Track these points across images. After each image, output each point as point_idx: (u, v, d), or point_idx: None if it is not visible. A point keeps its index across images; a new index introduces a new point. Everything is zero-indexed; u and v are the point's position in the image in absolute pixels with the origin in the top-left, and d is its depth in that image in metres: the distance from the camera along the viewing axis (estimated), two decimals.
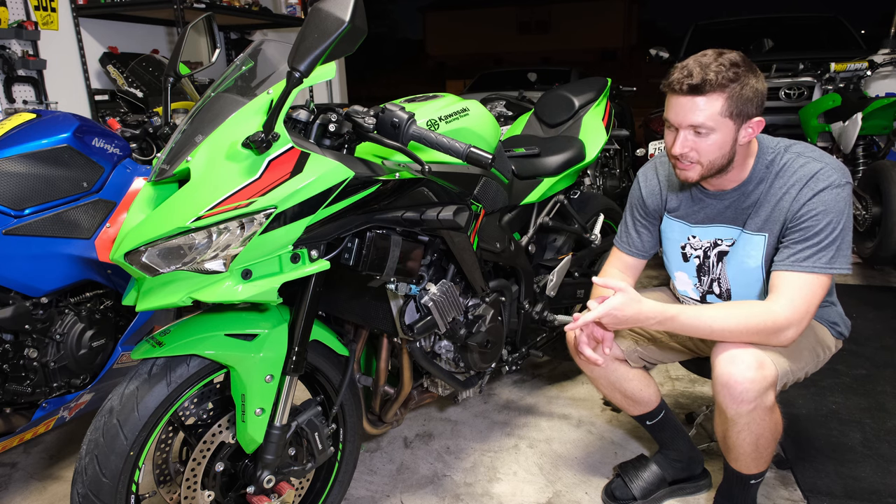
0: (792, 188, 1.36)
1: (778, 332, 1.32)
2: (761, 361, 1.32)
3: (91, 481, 1.20)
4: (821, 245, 1.32)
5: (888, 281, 3.52)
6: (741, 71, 1.29)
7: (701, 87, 1.29)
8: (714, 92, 1.29)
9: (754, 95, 1.31)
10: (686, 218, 1.56)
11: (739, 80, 1.29)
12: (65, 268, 1.66)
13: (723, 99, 1.29)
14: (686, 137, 1.35)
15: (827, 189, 1.33)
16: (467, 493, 1.82)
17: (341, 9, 1.05)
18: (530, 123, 2.49)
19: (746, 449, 1.41)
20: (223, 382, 1.40)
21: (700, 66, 1.30)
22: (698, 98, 1.31)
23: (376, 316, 1.56)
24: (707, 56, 1.32)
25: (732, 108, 1.30)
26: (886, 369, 2.44)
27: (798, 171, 1.37)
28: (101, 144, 1.74)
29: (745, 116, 1.32)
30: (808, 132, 4.09)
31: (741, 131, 1.34)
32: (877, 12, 12.42)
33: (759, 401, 1.32)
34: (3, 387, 1.65)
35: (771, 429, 1.38)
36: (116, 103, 3.97)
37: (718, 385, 1.34)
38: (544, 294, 2.16)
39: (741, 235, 1.46)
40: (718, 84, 1.28)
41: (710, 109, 1.30)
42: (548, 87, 3.73)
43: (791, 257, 1.35)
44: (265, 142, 1.12)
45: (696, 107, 1.31)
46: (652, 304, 1.36)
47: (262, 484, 1.35)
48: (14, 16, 3.50)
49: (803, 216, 1.34)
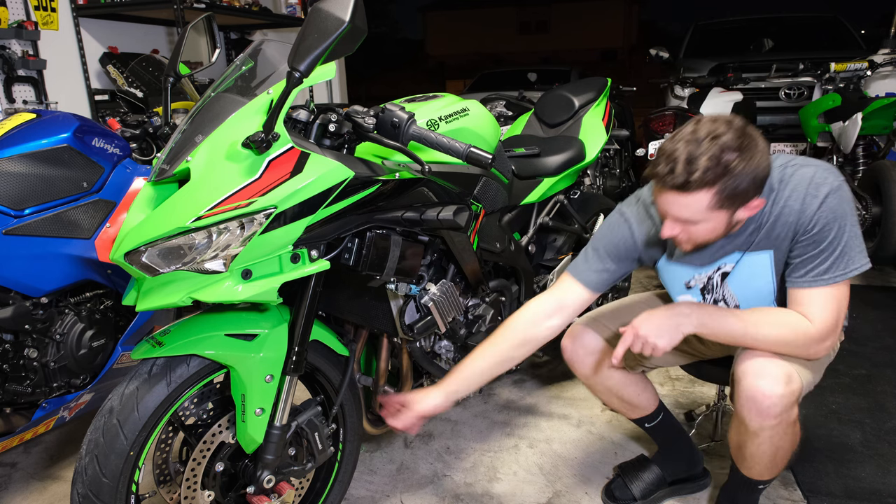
0: (791, 199, 1.28)
1: (813, 346, 1.28)
2: (790, 375, 1.27)
3: (91, 481, 1.19)
4: (836, 253, 1.25)
5: (888, 281, 3.52)
6: (735, 160, 1.13)
7: (686, 185, 1.16)
8: (701, 189, 1.15)
9: (751, 183, 1.16)
10: (691, 262, 1.45)
11: (731, 173, 1.13)
12: (65, 268, 1.66)
13: (711, 194, 1.16)
14: (673, 225, 1.26)
15: (829, 195, 1.24)
16: (467, 493, 1.82)
17: (341, 9, 1.05)
18: (530, 123, 2.49)
19: (763, 460, 1.38)
20: (223, 382, 1.40)
21: (686, 159, 1.15)
22: (683, 195, 1.18)
23: (376, 316, 1.56)
24: (697, 141, 1.15)
25: (723, 201, 1.17)
26: (886, 369, 2.44)
27: (791, 181, 1.28)
28: (101, 144, 1.74)
29: (739, 203, 1.20)
30: (808, 132, 4.09)
31: (737, 214, 1.23)
32: (877, 12, 12.42)
33: (785, 415, 1.28)
34: (3, 387, 1.65)
35: (791, 440, 1.35)
36: (116, 103, 3.97)
37: (743, 398, 1.29)
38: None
39: (743, 257, 1.38)
40: (705, 182, 1.14)
41: (697, 206, 1.18)
42: (548, 87, 3.73)
43: (811, 273, 1.27)
44: (265, 142, 1.12)
45: (682, 203, 1.19)
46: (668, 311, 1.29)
47: (262, 484, 1.35)
48: (14, 16, 3.50)
49: (813, 229, 1.25)
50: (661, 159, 1.19)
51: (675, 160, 1.16)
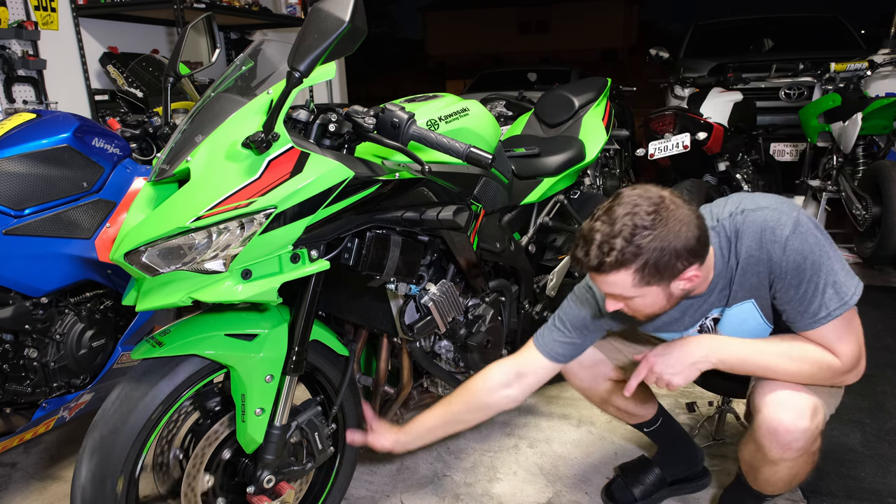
0: (752, 249, 1.23)
1: (842, 376, 1.23)
2: (815, 408, 1.22)
3: (91, 482, 1.19)
4: (821, 288, 1.18)
5: (888, 281, 3.52)
6: (647, 239, 1.10)
7: (600, 268, 1.14)
8: (618, 270, 1.13)
9: (673, 256, 1.12)
10: (672, 327, 1.41)
11: (645, 252, 1.11)
12: (65, 268, 1.66)
13: (630, 273, 1.13)
14: (612, 302, 1.24)
15: (790, 237, 1.18)
16: (467, 493, 1.82)
17: (341, 9, 1.05)
18: (530, 123, 2.49)
19: (779, 484, 1.35)
20: (223, 382, 1.40)
21: (599, 241, 1.13)
22: (603, 277, 1.17)
23: (376, 316, 1.56)
24: (612, 220, 1.13)
25: (647, 278, 1.14)
26: (886, 369, 2.44)
27: (746, 230, 1.23)
28: (101, 144, 1.74)
29: (668, 277, 1.15)
30: (808, 132, 4.09)
31: (672, 287, 1.18)
32: (877, 12, 12.42)
33: (808, 447, 1.24)
34: (3, 387, 1.65)
35: (810, 467, 1.31)
36: (116, 103, 3.97)
37: (764, 429, 1.24)
38: (544, 294, 2.16)
39: (725, 312, 1.35)
40: (620, 263, 1.12)
41: (622, 285, 1.16)
42: (548, 87, 3.73)
43: (807, 317, 1.21)
44: (265, 142, 1.12)
45: (605, 282, 1.18)
46: (684, 348, 1.26)
47: (262, 484, 1.35)
48: (14, 16, 3.50)
49: (786, 275, 1.20)
50: (579, 240, 1.18)
51: (589, 243, 1.15)
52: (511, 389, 1.47)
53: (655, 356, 1.28)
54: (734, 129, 3.87)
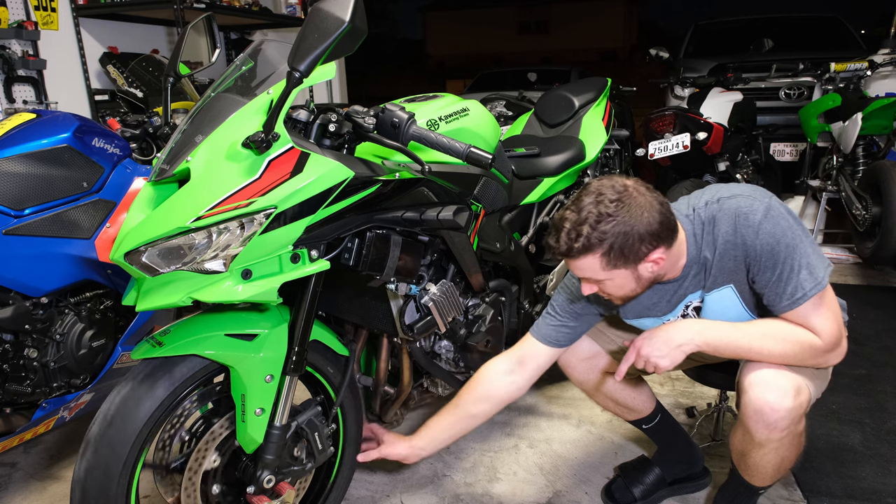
0: (728, 234, 1.28)
1: (824, 355, 1.27)
2: (799, 388, 1.26)
3: (91, 482, 1.19)
4: (797, 270, 1.23)
5: (888, 281, 3.52)
6: (611, 225, 1.18)
7: (569, 253, 1.23)
8: (585, 255, 1.22)
9: (636, 239, 1.19)
10: (653, 313, 1.46)
11: (609, 237, 1.19)
12: (65, 268, 1.66)
13: (597, 257, 1.22)
14: (586, 285, 1.31)
15: (762, 221, 1.24)
16: (467, 493, 1.82)
17: (341, 9, 1.05)
18: (530, 123, 2.49)
19: (768, 469, 1.37)
20: (223, 382, 1.40)
21: (567, 229, 1.21)
22: (573, 261, 1.25)
23: (376, 316, 1.56)
24: (579, 208, 1.21)
25: (614, 261, 1.22)
26: (886, 369, 2.44)
27: (721, 217, 1.29)
28: (101, 144, 1.74)
29: (634, 261, 1.23)
30: (808, 132, 4.09)
31: (640, 269, 1.25)
32: (877, 12, 12.42)
33: (793, 428, 1.27)
34: (3, 387, 1.65)
35: (797, 451, 1.35)
36: (116, 103, 3.97)
37: (750, 410, 1.28)
38: (544, 294, 2.16)
39: (706, 297, 1.39)
40: (587, 248, 1.20)
41: (591, 268, 1.24)
42: (548, 87, 3.73)
43: (785, 298, 1.25)
44: (265, 142, 1.12)
45: (576, 266, 1.26)
46: (670, 331, 1.30)
47: (262, 484, 1.35)
48: (14, 16, 3.50)
49: (760, 257, 1.25)
50: (551, 229, 1.28)
51: (559, 230, 1.24)
52: (514, 376, 1.53)
53: (643, 339, 1.33)
54: (734, 129, 3.88)
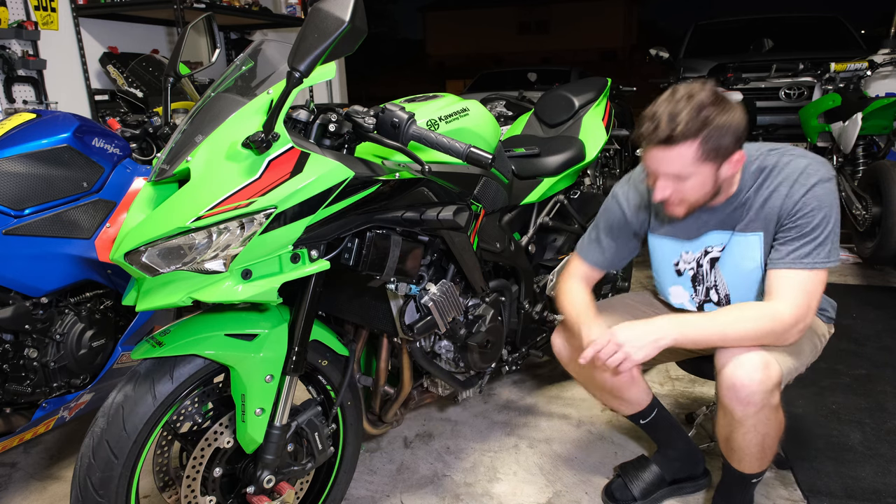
0: (781, 185, 1.36)
1: (785, 332, 1.33)
2: (766, 362, 1.31)
3: (91, 482, 1.19)
4: (818, 240, 1.32)
5: (888, 281, 3.52)
6: (712, 114, 1.25)
7: (670, 139, 1.26)
8: (685, 141, 1.26)
9: (730, 133, 1.27)
10: (677, 234, 1.54)
11: (710, 125, 1.25)
12: (65, 268, 1.66)
13: (695, 146, 1.26)
14: (664, 184, 1.35)
15: (818, 184, 1.33)
16: (467, 493, 1.82)
17: (341, 9, 1.05)
18: (530, 123, 2.49)
19: (752, 450, 1.41)
20: (223, 382, 1.40)
21: (668, 115, 1.26)
22: (669, 149, 1.28)
23: (376, 316, 1.56)
24: (675, 100, 1.27)
25: (707, 153, 1.27)
26: (886, 369, 2.44)
27: (785, 168, 1.37)
28: (101, 144, 1.74)
29: (723, 156, 1.29)
30: (808, 132, 4.09)
31: (722, 169, 1.32)
32: (877, 12, 12.42)
33: (766, 401, 1.32)
34: (3, 387, 1.65)
35: (776, 427, 1.39)
36: (116, 103, 3.97)
37: (724, 388, 1.34)
38: (544, 294, 2.16)
39: (732, 238, 1.45)
40: (688, 134, 1.25)
41: (684, 159, 1.28)
42: (548, 87, 3.73)
43: (791, 254, 1.34)
44: (265, 142, 1.12)
45: (669, 157, 1.29)
46: (648, 324, 1.36)
47: (262, 484, 1.35)
48: (14, 16, 3.50)
49: (798, 212, 1.33)
50: (644, 120, 1.31)
51: (658, 118, 1.27)
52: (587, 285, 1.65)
53: (619, 330, 1.36)
54: None
